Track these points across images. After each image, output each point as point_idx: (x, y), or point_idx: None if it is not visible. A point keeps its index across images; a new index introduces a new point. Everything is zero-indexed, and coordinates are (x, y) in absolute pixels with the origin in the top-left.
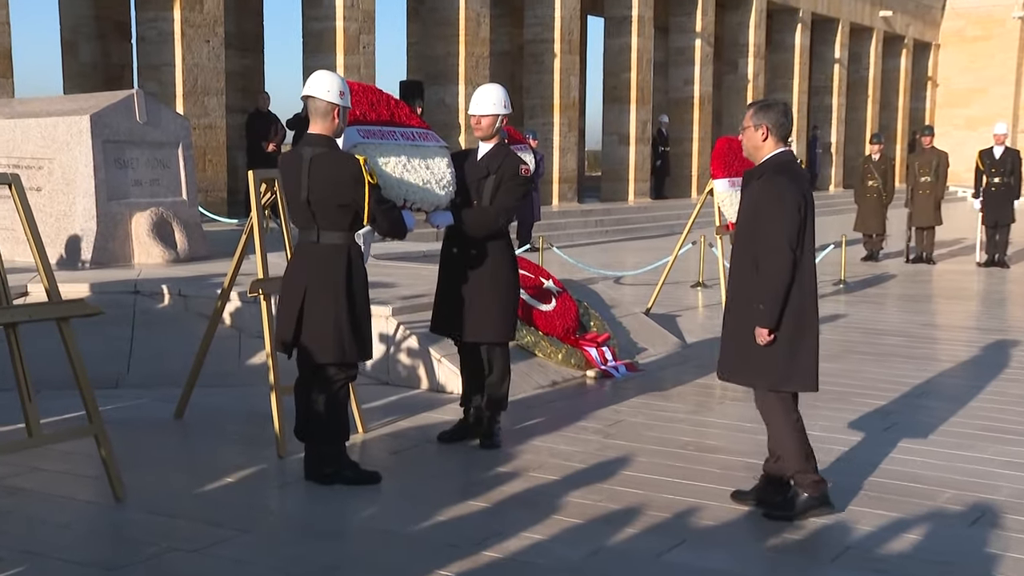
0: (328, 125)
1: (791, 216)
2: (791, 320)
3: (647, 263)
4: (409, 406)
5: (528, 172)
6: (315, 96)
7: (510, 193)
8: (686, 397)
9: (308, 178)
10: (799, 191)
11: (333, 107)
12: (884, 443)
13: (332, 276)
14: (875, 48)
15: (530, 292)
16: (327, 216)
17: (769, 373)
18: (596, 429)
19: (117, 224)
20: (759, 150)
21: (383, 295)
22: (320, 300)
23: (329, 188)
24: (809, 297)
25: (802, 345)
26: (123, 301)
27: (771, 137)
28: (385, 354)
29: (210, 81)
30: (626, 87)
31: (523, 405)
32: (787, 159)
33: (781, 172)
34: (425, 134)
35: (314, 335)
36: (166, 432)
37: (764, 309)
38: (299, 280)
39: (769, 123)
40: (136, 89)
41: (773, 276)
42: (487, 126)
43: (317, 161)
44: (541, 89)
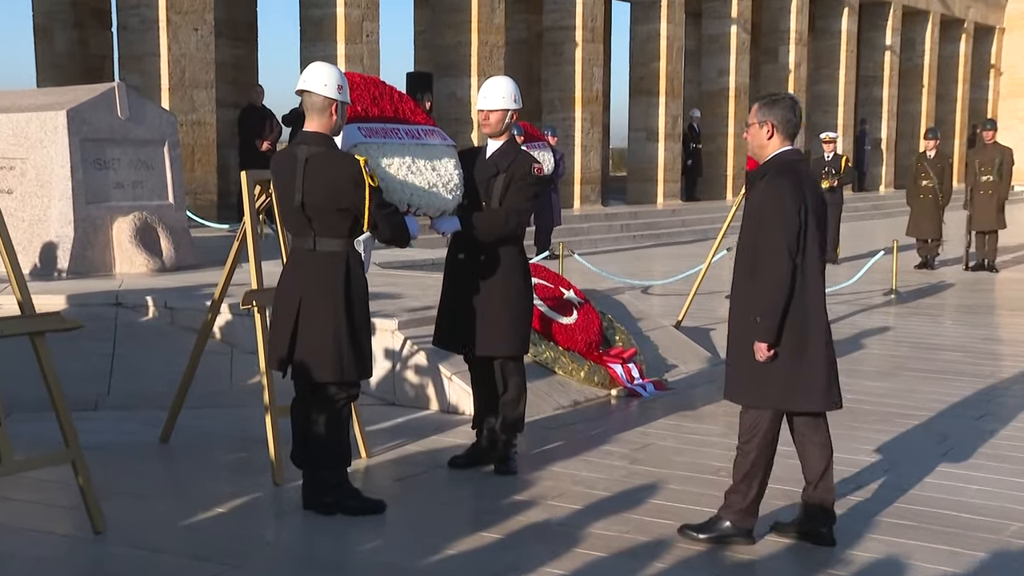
0: (325, 122)
1: (790, 220)
2: (793, 333)
3: (677, 271)
4: (417, 429)
5: (541, 171)
6: (311, 91)
7: (521, 194)
8: (720, 418)
9: (303, 180)
10: (800, 193)
11: (330, 103)
12: (940, 470)
13: (329, 286)
14: (931, 33)
15: (549, 303)
16: (324, 222)
17: (771, 392)
18: (622, 453)
19: (97, 230)
20: (764, 149)
21: (387, 307)
22: (317, 312)
23: (326, 191)
24: (814, 308)
25: (806, 360)
26: (103, 314)
27: (777, 135)
28: (390, 372)
29: (198, 73)
30: (654, 78)
31: (541, 427)
32: (791, 158)
33: (783, 173)
34: (431, 131)
35: (311, 350)
36: (150, 458)
37: (762, 322)
38: (294, 291)
39: (775, 120)
40: (117, 82)
41: (771, 286)
42: (496, 122)
43: (313, 162)
44: (561, 81)
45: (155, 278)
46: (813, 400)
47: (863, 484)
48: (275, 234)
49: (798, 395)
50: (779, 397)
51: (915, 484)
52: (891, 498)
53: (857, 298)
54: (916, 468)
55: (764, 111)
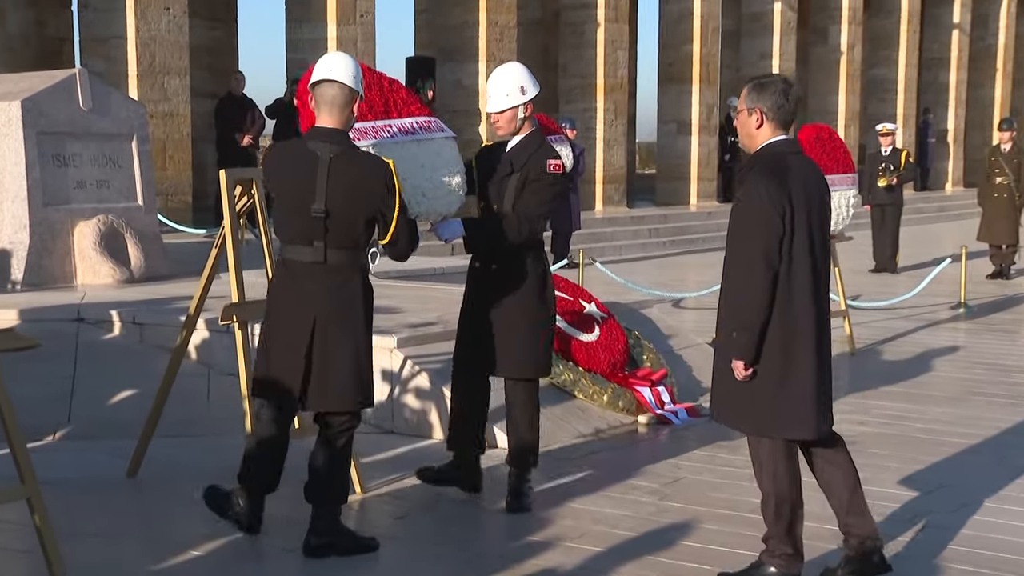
0: (344, 118)
1: (769, 224)
2: (777, 352)
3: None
4: (418, 460)
5: (560, 169)
6: (340, 81)
7: (536, 196)
8: None
9: (328, 184)
10: (783, 192)
11: (355, 97)
12: (1016, 508)
13: (351, 304)
14: (1007, 9)
15: (568, 319)
16: (345, 231)
17: (754, 414)
18: (650, 489)
19: (56, 236)
20: (753, 139)
21: (385, 322)
22: (338, 334)
23: (354, 197)
24: (803, 326)
25: (793, 382)
26: (63, 331)
27: (767, 123)
28: (389, 396)
29: (170, 58)
30: (687, 63)
31: (559, 458)
32: (780, 150)
33: (768, 168)
34: (428, 123)
35: (334, 377)
36: (116, 494)
37: (737, 337)
38: (303, 309)
39: (765, 106)
40: (78, 68)
41: (747, 297)
42: (507, 122)
43: (339, 163)
44: (581, 66)
45: (122, 290)
46: (798, 427)
47: (927, 523)
48: (258, 240)
49: (781, 421)
50: (761, 422)
51: (988, 524)
52: (959, 540)
53: (919, 313)
54: (989, 506)
55: (753, 96)
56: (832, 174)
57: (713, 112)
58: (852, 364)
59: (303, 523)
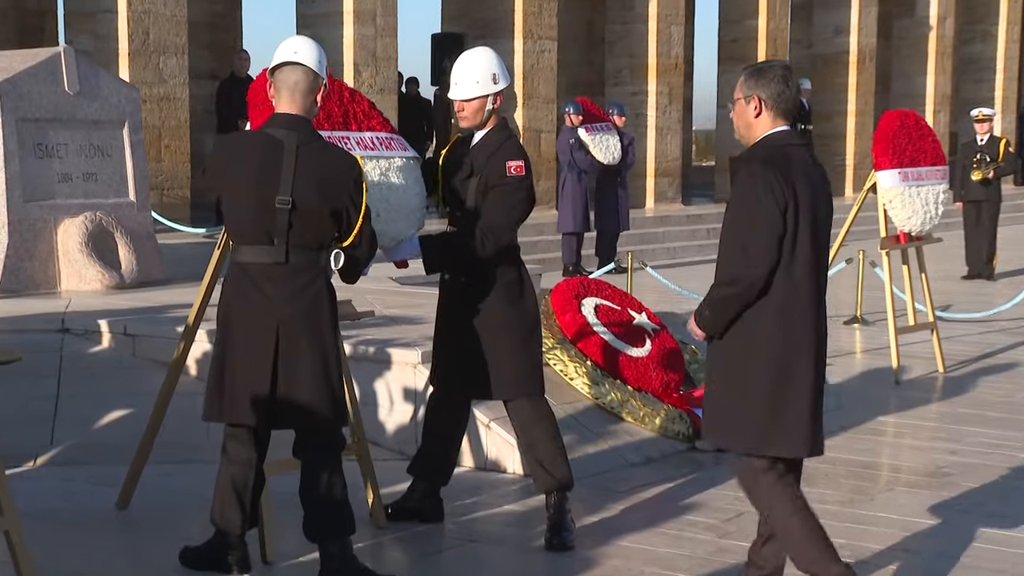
0: (307, 105)
1: (769, 221)
2: (773, 364)
3: None
4: (445, 490)
5: (521, 171)
6: (304, 64)
7: (499, 203)
8: (837, 480)
9: (295, 173)
10: (787, 186)
11: (320, 84)
12: None
13: (317, 309)
14: None
15: (615, 331)
16: (309, 228)
17: (744, 431)
18: (708, 524)
19: (37, 235)
20: (751, 129)
21: (407, 334)
22: (305, 343)
23: (325, 190)
24: (803, 333)
25: (790, 396)
26: (45, 343)
27: (766, 112)
28: (412, 418)
29: (167, 35)
30: (751, 39)
31: (605, 488)
32: (780, 142)
33: (769, 160)
34: (389, 140)
35: (303, 392)
36: (105, 528)
37: (710, 315)
38: (264, 317)
39: (764, 93)
40: (63, 46)
41: (732, 287)
42: (473, 113)
43: (308, 151)
44: (630, 44)
45: (112, 297)
46: (793, 444)
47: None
48: None
49: (777, 437)
50: (755, 439)
51: None
52: None
53: (1020, 326)
54: None
55: (750, 83)
56: (919, 166)
57: None
58: (942, 385)
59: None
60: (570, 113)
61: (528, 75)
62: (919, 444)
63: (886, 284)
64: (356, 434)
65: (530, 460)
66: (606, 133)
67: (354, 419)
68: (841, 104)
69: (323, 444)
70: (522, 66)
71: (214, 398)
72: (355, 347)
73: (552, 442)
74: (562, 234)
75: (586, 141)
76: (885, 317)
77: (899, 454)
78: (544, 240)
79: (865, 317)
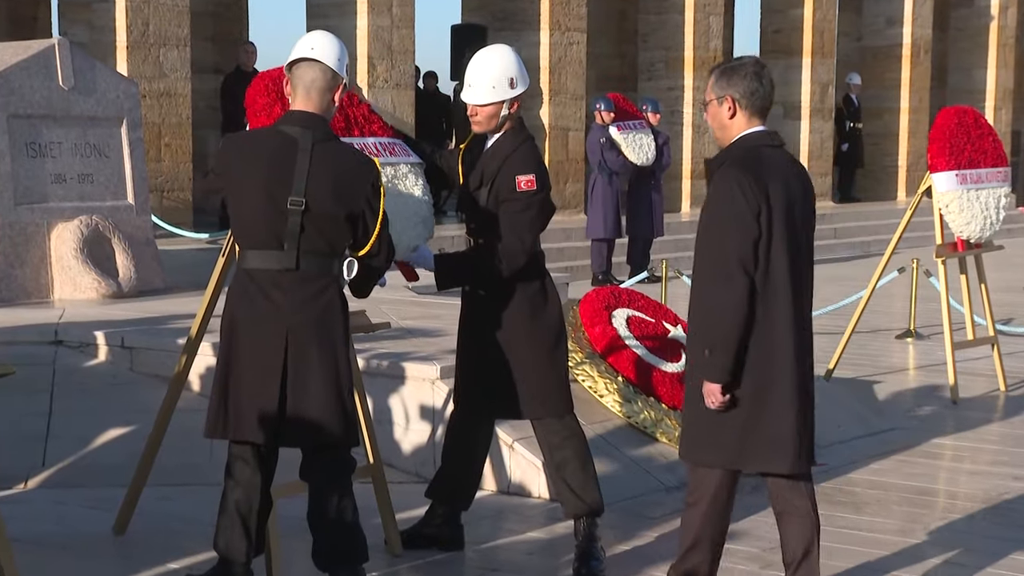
0: (325, 104)
1: (743, 225)
2: (752, 374)
3: (827, 301)
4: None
5: (532, 185)
6: (319, 60)
7: (511, 222)
8: (889, 507)
9: (309, 172)
10: (760, 189)
11: (339, 83)
12: None
13: (328, 318)
14: None
15: (648, 344)
16: (323, 232)
17: (723, 446)
18: (750, 553)
19: (29, 240)
20: (726, 131)
21: (423, 347)
22: (315, 354)
23: (340, 192)
24: (783, 342)
25: (769, 408)
26: (37, 356)
27: (740, 112)
28: (429, 437)
29: (168, 26)
30: (795, 30)
31: (638, 513)
32: (755, 142)
33: (741, 162)
34: (391, 145)
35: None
36: (100, 554)
37: (711, 357)
38: (273, 326)
39: (736, 92)
40: (57, 38)
41: (721, 310)
42: (487, 119)
43: (323, 149)
44: (666, 36)
45: (108, 307)
46: (774, 459)
47: None
48: None
49: (755, 452)
50: (732, 454)
51: None
52: None
53: None
54: None
55: (722, 83)
56: (978, 168)
57: (828, 91)
58: (1003, 404)
59: None
60: (600, 110)
61: (555, 69)
62: (979, 468)
63: (942, 295)
64: (370, 454)
65: (558, 483)
66: (639, 131)
67: (368, 438)
68: (893, 100)
69: (332, 465)
70: (548, 59)
71: (218, 413)
72: (369, 361)
73: (582, 464)
74: (591, 240)
75: (617, 140)
76: (941, 331)
77: (957, 479)
78: (572, 246)
79: (919, 331)
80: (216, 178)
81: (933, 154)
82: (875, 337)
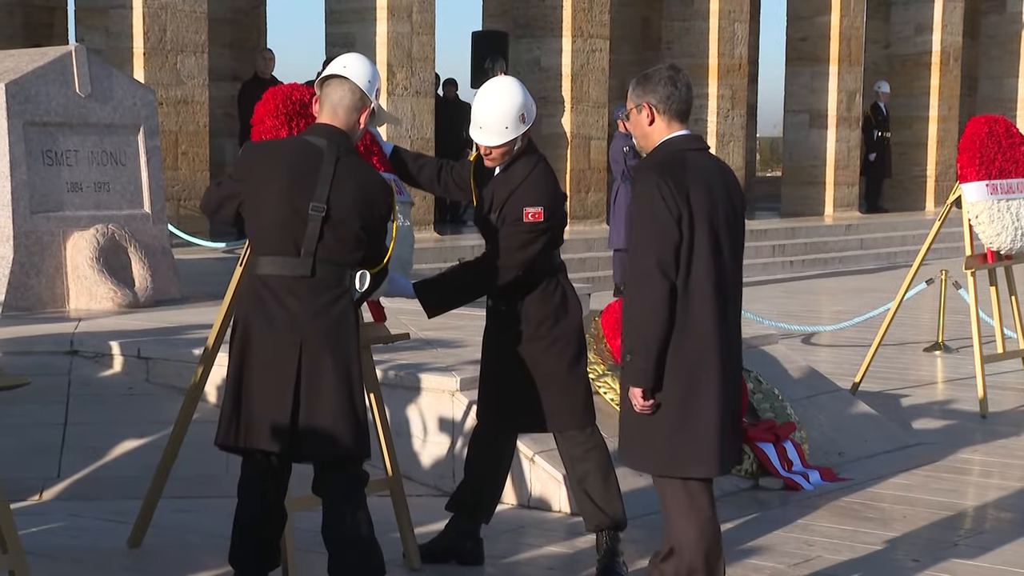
0: (351, 124)
1: (663, 229)
2: (678, 378)
3: (854, 313)
4: (485, 529)
5: (539, 217)
6: (348, 78)
7: (508, 241)
8: (915, 523)
9: (332, 183)
10: (680, 193)
11: (366, 103)
12: None
13: (342, 328)
14: None
15: None
16: (341, 241)
17: (654, 452)
18: (775, 570)
19: (44, 249)
20: (647, 138)
21: (444, 359)
22: (328, 365)
23: (361, 204)
24: (707, 346)
25: (695, 412)
26: (52, 366)
27: (659, 118)
28: (449, 450)
29: (185, 32)
30: (822, 38)
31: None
32: (677, 146)
33: (661, 166)
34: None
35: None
36: (115, 567)
37: (632, 361)
38: (287, 335)
39: (653, 99)
40: (74, 44)
41: (642, 314)
42: (501, 156)
43: (347, 162)
44: (689, 44)
45: (124, 317)
46: (699, 464)
47: None
48: None
49: (681, 457)
50: (665, 459)
51: None
52: None
53: None
54: None
55: (638, 91)
56: (1009, 178)
57: (855, 100)
58: None
59: None
60: (623, 118)
61: (577, 77)
62: (1008, 484)
63: (971, 308)
64: (389, 467)
65: (580, 496)
66: None
67: (387, 451)
68: (922, 109)
69: (345, 479)
70: (570, 67)
71: (231, 421)
72: (388, 372)
73: (604, 477)
74: (613, 251)
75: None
76: (970, 344)
77: (985, 495)
78: (594, 257)
79: (947, 344)
80: (233, 183)
81: (963, 164)
82: (903, 350)
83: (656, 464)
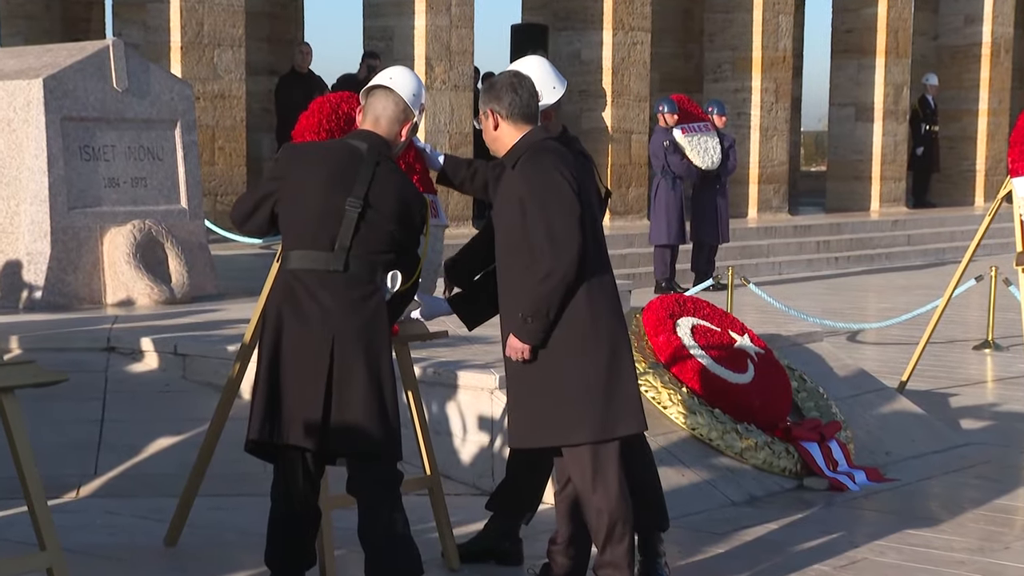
0: (393, 135)
1: (567, 201)
2: (605, 344)
3: (901, 310)
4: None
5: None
6: (393, 89)
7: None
8: (965, 525)
9: (371, 184)
10: (571, 174)
11: (408, 116)
12: None
13: (374, 323)
14: None
15: (714, 354)
16: (375, 238)
17: (590, 420)
18: (820, 572)
19: (82, 245)
20: (497, 142)
21: (482, 356)
22: (360, 360)
23: (397, 207)
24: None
25: (623, 375)
26: (89, 363)
27: (504, 122)
28: (487, 449)
29: (222, 26)
30: (868, 30)
31: (702, 530)
32: (538, 137)
33: (541, 153)
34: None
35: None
36: (152, 565)
37: (533, 322)
38: (319, 329)
39: (496, 106)
40: (111, 39)
41: (550, 281)
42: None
43: (386, 166)
44: (731, 35)
45: (161, 313)
46: (631, 421)
47: None
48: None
49: (614, 418)
50: (599, 425)
51: None
52: None
53: None
54: None
55: (484, 99)
56: None
57: (903, 93)
58: None
59: None
60: (664, 112)
61: (618, 70)
62: None
63: (1022, 305)
64: (427, 465)
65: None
66: (704, 134)
67: (425, 449)
68: (972, 102)
69: (378, 479)
70: (611, 60)
71: (264, 417)
72: (426, 370)
73: (646, 477)
74: (654, 247)
75: (682, 143)
76: (1020, 342)
77: None
78: (634, 253)
79: (997, 342)
80: (271, 182)
81: (1014, 158)
82: (951, 348)
83: (595, 430)
